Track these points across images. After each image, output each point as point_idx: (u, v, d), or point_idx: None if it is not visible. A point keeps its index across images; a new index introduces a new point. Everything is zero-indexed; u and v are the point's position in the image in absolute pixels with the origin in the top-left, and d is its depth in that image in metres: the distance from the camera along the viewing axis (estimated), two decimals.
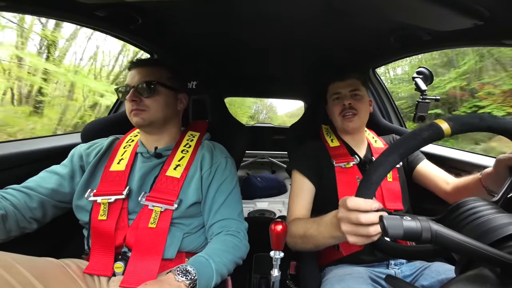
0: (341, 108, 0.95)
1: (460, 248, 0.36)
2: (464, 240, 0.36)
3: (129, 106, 0.80)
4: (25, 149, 0.90)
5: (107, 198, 0.75)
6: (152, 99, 0.80)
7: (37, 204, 0.72)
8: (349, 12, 0.78)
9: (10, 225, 0.67)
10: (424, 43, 0.92)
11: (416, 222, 0.38)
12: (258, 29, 0.96)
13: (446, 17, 0.72)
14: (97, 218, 0.73)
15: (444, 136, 0.47)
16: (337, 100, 0.97)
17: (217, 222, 0.78)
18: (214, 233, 0.77)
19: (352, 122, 0.94)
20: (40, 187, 0.74)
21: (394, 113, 1.50)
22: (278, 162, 2.70)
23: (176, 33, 1.05)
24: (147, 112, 0.80)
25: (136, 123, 0.80)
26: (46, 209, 0.74)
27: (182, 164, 0.81)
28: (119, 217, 0.74)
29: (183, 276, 0.58)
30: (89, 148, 0.85)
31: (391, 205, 0.88)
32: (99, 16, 0.81)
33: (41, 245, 0.77)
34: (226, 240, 0.73)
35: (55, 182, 0.77)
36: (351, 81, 0.97)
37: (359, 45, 1.07)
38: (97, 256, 0.72)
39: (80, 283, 0.67)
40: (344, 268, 0.80)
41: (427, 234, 0.37)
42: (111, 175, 0.79)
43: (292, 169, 0.96)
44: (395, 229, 0.38)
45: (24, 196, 0.71)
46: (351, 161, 0.93)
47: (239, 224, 0.79)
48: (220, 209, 0.79)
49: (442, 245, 0.37)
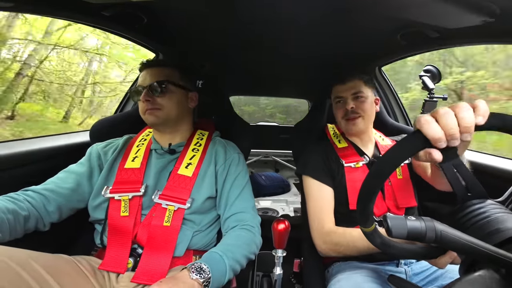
0: (344, 112, 0.94)
1: (465, 248, 0.36)
2: (469, 240, 0.35)
3: (143, 106, 0.82)
4: (37, 147, 0.92)
5: (126, 195, 0.76)
6: (165, 98, 0.82)
7: (54, 207, 0.74)
8: (355, 10, 0.77)
9: (29, 226, 0.69)
10: (432, 40, 0.91)
11: (421, 222, 0.38)
12: (264, 28, 0.96)
13: (455, 14, 0.71)
14: (119, 215, 0.74)
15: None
16: (339, 104, 0.97)
17: (233, 216, 0.79)
18: (230, 227, 0.78)
19: (355, 125, 0.93)
20: (60, 188, 0.75)
21: (400, 112, 1.48)
22: (282, 161, 2.70)
23: (181, 32, 1.06)
24: (161, 110, 0.81)
25: (151, 122, 0.82)
26: (61, 212, 0.76)
27: (194, 163, 0.83)
28: (137, 213, 0.76)
29: (197, 274, 0.59)
30: (106, 147, 0.87)
31: (403, 202, 0.87)
32: (105, 15, 0.82)
33: (51, 241, 0.79)
34: (240, 235, 0.74)
35: (74, 181, 0.78)
36: (353, 83, 0.95)
37: (365, 43, 1.06)
38: (113, 252, 0.73)
39: (91, 279, 0.69)
40: (353, 265, 0.80)
41: (431, 234, 0.37)
42: (126, 172, 0.80)
43: (305, 175, 0.95)
44: (399, 229, 0.38)
45: (43, 199, 0.72)
46: (361, 160, 0.92)
47: (253, 218, 0.81)
48: (235, 202, 0.81)
49: (446, 245, 0.37)
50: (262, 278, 1.19)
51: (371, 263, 0.81)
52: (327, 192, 0.90)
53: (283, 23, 0.90)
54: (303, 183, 0.96)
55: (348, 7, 0.76)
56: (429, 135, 0.38)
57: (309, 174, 0.93)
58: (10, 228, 0.62)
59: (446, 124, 0.38)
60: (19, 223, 0.65)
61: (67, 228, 0.81)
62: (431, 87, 1.03)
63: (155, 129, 0.88)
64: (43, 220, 0.72)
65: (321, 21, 0.87)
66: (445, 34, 0.84)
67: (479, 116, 0.39)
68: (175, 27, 1.00)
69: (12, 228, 0.63)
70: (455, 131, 0.38)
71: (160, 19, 0.91)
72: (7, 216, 0.62)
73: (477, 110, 0.39)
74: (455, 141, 0.39)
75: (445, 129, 0.38)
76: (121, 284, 0.70)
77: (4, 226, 0.61)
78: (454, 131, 0.38)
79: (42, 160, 0.92)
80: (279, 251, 0.82)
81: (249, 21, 0.91)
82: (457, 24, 0.76)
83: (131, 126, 0.98)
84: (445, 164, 0.42)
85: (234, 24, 0.94)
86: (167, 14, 0.89)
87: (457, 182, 0.42)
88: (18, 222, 0.65)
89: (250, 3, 0.78)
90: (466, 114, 0.38)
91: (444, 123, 0.38)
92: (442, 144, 0.38)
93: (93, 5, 0.75)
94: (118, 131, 0.96)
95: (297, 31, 0.97)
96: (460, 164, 0.42)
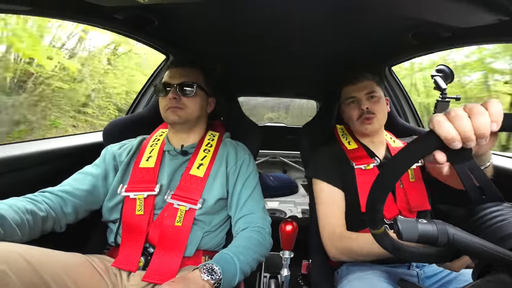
0: (359, 113, 0.92)
1: (479, 252, 0.35)
2: (483, 244, 0.34)
3: (166, 103, 0.83)
4: (52, 147, 0.95)
5: (141, 194, 0.77)
6: (190, 99, 0.85)
7: (71, 209, 0.75)
8: (364, 9, 0.76)
9: (47, 227, 0.70)
10: (444, 40, 0.88)
11: (432, 225, 0.37)
12: (272, 29, 0.96)
13: (468, 12, 0.69)
14: (134, 213, 0.76)
15: None
16: (353, 104, 0.94)
17: (243, 217, 0.79)
18: (240, 228, 0.78)
19: (371, 125, 0.91)
20: (76, 190, 0.76)
21: (411, 113, 1.45)
22: (290, 162, 2.69)
23: (191, 34, 1.07)
24: (184, 110, 0.84)
25: (172, 120, 0.84)
26: (78, 213, 0.77)
27: (205, 163, 0.84)
28: (150, 212, 0.77)
29: (208, 275, 0.59)
30: (120, 148, 0.89)
31: (416, 206, 0.85)
32: (118, 18, 0.84)
33: (65, 240, 0.81)
34: (251, 237, 0.74)
35: (89, 183, 0.79)
36: (365, 83, 0.93)
37: (375, 43, 1.05)
38: (126, 250, 0.74)
39: (104, 277, 0.70)
40: (365, 267, 0.79)
41: (443, 238, 0.36)
42: (141, 171, 0.82)
43: (316, 178, 0.94)
44: (410, 232, 0.37)
45: (60, 200, 0.74)
46: (371, 162, 0.91)
47: (264, 220, 0.81)
48: (246, 203, 0.81)
49: (459, 249, 0.36)
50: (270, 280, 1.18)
51: (382, 265, 0.80)
52: (338, 195, 0.89)
53: (293, 23, 0.90)
54: (313, 186, 0.95)
55: (359, 7, 0.75)
56: (443, 135, 0.38)
57: (320, 177, 0.92)
58: (29, 228, 0.63)
59: (459, 125, 0.37)
60: (37, 224, 0.66)
61: (81, 227, 0.83)
62: (444, 87, 1.01)
63: (173, 128, 0.89)
64: (59, 222, 0.72)
65: (331, 21, 0.86)
66: (458, 33, 0.82)
67: (493, 122, 0.37)
68: (185, 29, 1.02)
69: (31, 229, 0.64)
70: (470, 133, 0.37)
71: (170, 21, 0.93)
72: (26, 217, 0.63)
73: (491, 115, 0.38)
74: (470, 142, 0.38)
75: (460, 131, 0.37)
76: (132, 282, 0.71)
77: (23, 227, 0.62)
78: (469, 133, 0.37)
79: (57, 160, 0.95)
80: (287, 252, 0.82)
81: (260, 21, 0.91)
82: (470, 23, 0.74)
83: (143, 126, 1.00)
84: (458, 166, 0.41)
85: (244, 25, 0.95)
86: (177, 16, 0.90)
87: (471, 185, 0.41)
88: (36, 223, 0.66)
89: (259, 5, 0.79)
90: (482, 120, 0.37)
91: (457, 124, 0.38)
92: (456, 144, 0.38)
93: (106, 8, 0.77)
94: (131, 132, 0.98)
95: (306, 31, 0.97)
96: (474, 166, 0.40)
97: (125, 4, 0.75)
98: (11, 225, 0.59)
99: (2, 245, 0.54)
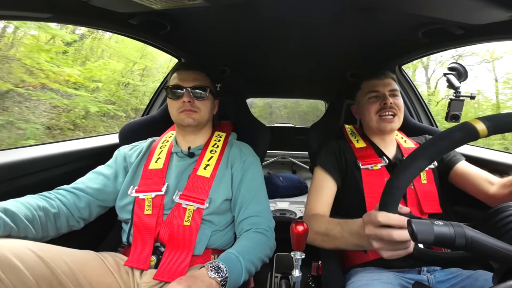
0: (379, 107, 0.91)
1: (500, 256, 0.34)
2: (505, 247, 0.34)
3: (179, 106, 0.86)
4: (69, 149, 0.99)
5: (149, 194, 0.80)
6: (203, 102, 0.88)
7: (84, 204, 0.79)
8: (374, 8, 0.76)
9: (61, 223, 0.74)
10: (456, 37, 0.87)
11: (449, 227, 0.36)
12: (281, 30, 0.97)
13: (480, 9, 0.68)
14: (143, 213, 0.78)
15: (480, 137, 0.43)
16: (375, 98, 0.93)
17: (247, 219, 0.80)
18: (244, 230, 0.79)
19: (391, 123, 0.90)
20: (88, 188, 0.81)
21: (423, 112, 1.43)
22: (299, 162, 2.68)
23: (202, 38, 1.09)
24: (198, 113, 0.86)
25: (186, 123, 0.86)
26: (91, 209, 0.81)
27: (211, 164, 0.85)
28: (159, 212, 0.79)
29: (215, 273, 0.60)
30: (131, 150, 0.92)
31: (427, 208, 0.84)
32: (132, 24, 0.88)
33: (81, 238, 0.84)
34: (255, 238, 0.75)
35: (101, 182, 0.83)
36: (389, 80, 0.94)
37: (385, 41, 1.04)
38: (137, 249, 0.76)
39: (115, 274, 0.72)
40: (372, 272, 0.77)
41: (461, 241, 0.35)
42: (150, 173, 0.85)
43: (316, 166, 0.95)
44: (425, 234, 0.36)
45: (74, 196, 0.78)
46: (379, 162, 0.90)
47: (268, 222, 0.81)
48: (250, 205, 0.82)
49: (478, 252, 0.35)
50: (281, 280, 1.18)
51: (390, 270, 0.78)
52: (330, 185, 0.89)
53: (303, 24, 0.90)
54: (313, 175, 0.95)
55: (369, 6, 0.75)
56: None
57: (318, 164, 0.93)
58: (41, 224, 0.67)
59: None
60: (50, 219, 0.70)
61: (97, 226, 0.87)
62: (457, 86, 0.98)
63: (183, 130, 0.91)
64: (74, 216, 0.76)
65: (340, 20, 0.86)
66: (470, 30, 0.81)
67: None
68: (196, 33, 1.04)
69: (44, 225, 0.68)
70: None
71: (182, 26, 0.95)
72: (38, 213, 0.67)
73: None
74: None
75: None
76: (144, 280, 0.73)
77: (35, 223, 0.66)
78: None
79: (76, 161, 0.99)
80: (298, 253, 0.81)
81: (268, 24, 0.92)
82: (482, 20, 0.73)
83: (156, 129, 1.03)
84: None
85: (254, 28, 0.96)
86: (189, 21, 0.93)
87: None
88: (48, 219, 0.70)
89: (268, 8, 0.80)
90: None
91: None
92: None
93: (121, 14, 0.80)
94: (145, 134, 1.01)
95: (316, 32, 0.97)
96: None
97: (139, 10, 0.78)
98: (23, 221, 0.62)
99: (15, 242, 0.58)
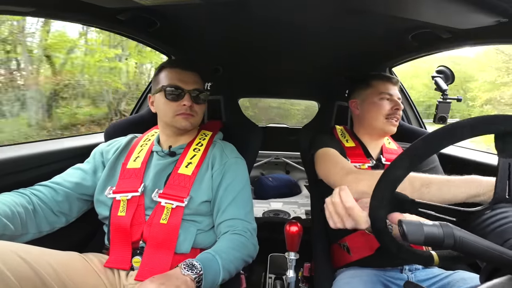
0: (390, 110, 0.93)
1: (486, 255, 0.34)
2: (491, 247, 0.34)
3: (178, 109, 0.81)
4: (52, 148, 0.95)
5: (125, 195, 0.78)
6: (200, 106, 0.86)
7: (62, 197, 0.77)
8: (365, 11, 0.77)
9: (40, 219, 0.71)
10: (444, 41, 0.89)
11: (438, 228, 0.37)
12: (273, 30, 0.96)
13: (467, 14, 0.70)
14: (117, 214, 0.76)
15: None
16: (387, 101, 0.95)
17: (224, 222, 0.79)
18: (221, 232, 0.78)
19: (395, 127, 0.94)
20: (65, 181, 0.79)
21: (413, 114, 1.46)
22: (292, 162, 2.69)
23: (193, 36, 1.07)
24: (195, 117, 0.84)
25: (184, 127, 0.83)
26: (71, 202, 0.79)
27: (194, 162, 0.83)
28: (135, 213, 0.77)
29: (189, 270, 0.60)
30: (109, 145, 0.90)
31: None
32: (120, 20, 0.85)
33: (67, 240, 0.81)
34: (233, 239, 0.75)
35: (79, 176, 0.82)
36: (398, 85, 0.98)
37: (375, 44, 1.06)
38: (116, 250, 0.75)
39: (101, 276, 0.71)
40: (354, 271, 0.79)
41: (450, 241, 0.36)
42: (128, 172, 0.82)
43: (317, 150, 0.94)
44: (416, 234, 0.37)
45: (51, 190, 0.76)
46: (367, 162, 0.92)
47: (246, 224, 0.80)
48: (228, 209, 0.80)
49: (466, 252, 0.36)
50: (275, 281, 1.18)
51: (373, 268, 0.79)
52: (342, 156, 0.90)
53: (294, 25, 0.90)
54: (316, 159, 0.93)
55: (359, 9, 0.76)
56: None
57: (321, 146, 0.93)
58: (20, 220, 0.65)
59: None
60: (29, 215, 0.68)
61: (82, 228, 0.83)
62: (445, 88, 1.01)
63: (172, 131, 0.87)
64: (53, 211, 0.74)
65: (332, 23, 0.87)
66: (458, 34, 0.83)
67: None
68: (187, 31, 1.02)
69: (23, 221, 0.66)
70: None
71: (172, 23, 0.93)
72: (17, 209, 0.65)
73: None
74: None
75: None
76: (130, 281, 0.72)
77: (15, 219, 0.64)
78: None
79: (60, 161, 0.94)
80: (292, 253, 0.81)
81: (262, 23, 0.91)
82: (469, 25, 0.75)
83: (144, 128, 1.00)
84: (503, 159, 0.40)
85: (246, 27, 0.95)
86: (179, 18, 0.91)
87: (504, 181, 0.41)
88: (28, 214, 0.68)
89: (260, 8, 0.79)
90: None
91: None
92: None
93: (109, 9, 0.77)
94: (132, 133, 0.97)
95: (307, 33, 0.97)
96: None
97: (127, 5, 0.75)
98: (1, 219, 0.60)
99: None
